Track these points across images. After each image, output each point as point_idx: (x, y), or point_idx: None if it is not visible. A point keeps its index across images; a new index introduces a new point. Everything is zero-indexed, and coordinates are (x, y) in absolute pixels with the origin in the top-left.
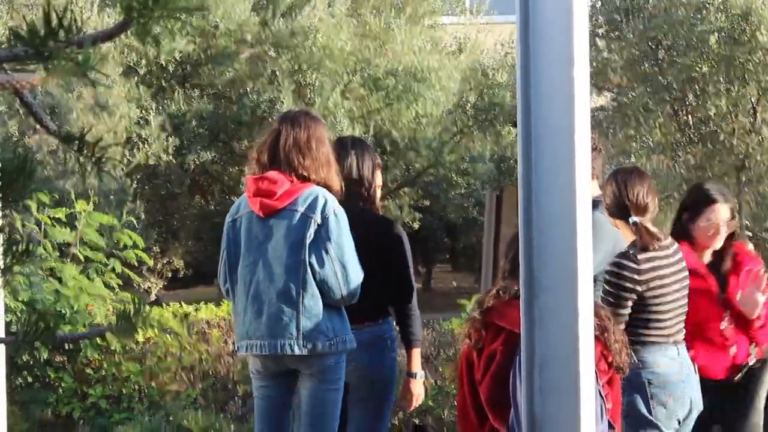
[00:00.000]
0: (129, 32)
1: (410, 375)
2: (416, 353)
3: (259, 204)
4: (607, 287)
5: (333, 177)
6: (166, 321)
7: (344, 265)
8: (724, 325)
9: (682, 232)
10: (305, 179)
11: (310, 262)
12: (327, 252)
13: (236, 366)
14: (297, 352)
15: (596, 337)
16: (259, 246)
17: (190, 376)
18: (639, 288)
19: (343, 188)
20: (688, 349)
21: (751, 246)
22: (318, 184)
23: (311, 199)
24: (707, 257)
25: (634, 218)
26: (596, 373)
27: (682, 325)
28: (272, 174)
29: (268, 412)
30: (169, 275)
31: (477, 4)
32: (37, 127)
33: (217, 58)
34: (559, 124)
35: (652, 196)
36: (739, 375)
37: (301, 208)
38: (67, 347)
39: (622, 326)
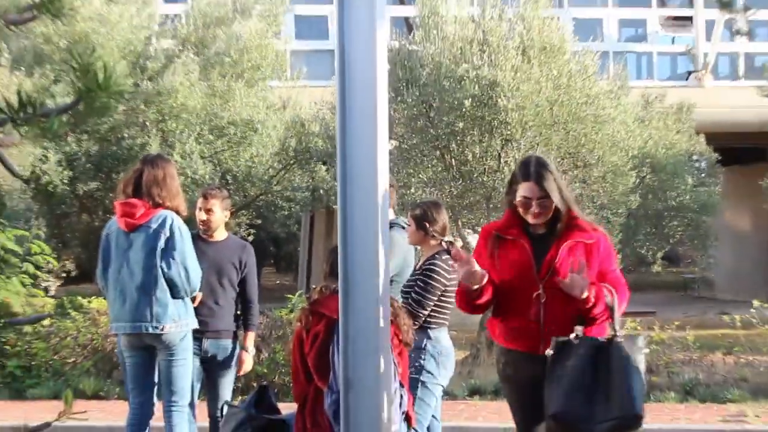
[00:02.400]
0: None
1: (244, 349)
2: (251, 335)
3: (124, 222)
4: (422, 284)
5: (181, 203)
6: (65, 311)
7: (186, 268)
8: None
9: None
10: (160, 206)
11: (161, 265)
12: (173, 258)
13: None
14: (151, 331)
15: (391, 321)
16: (123, 253)
17: (84, 351)
18: (447, 283)
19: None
20: (503, 319)
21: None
22: (170, 209)
23: (162, 219)
24: (542, 229)
25: (445, 238)
26: (390, 346)
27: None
28: (133, 200)
29: (133, 376)
30: (63, 275)
31: (296, 72)
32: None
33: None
34: (368, 165)
35: (446, 219)
36: (549, 350)
37: (154, 225)
38: None
39: (427, 312)
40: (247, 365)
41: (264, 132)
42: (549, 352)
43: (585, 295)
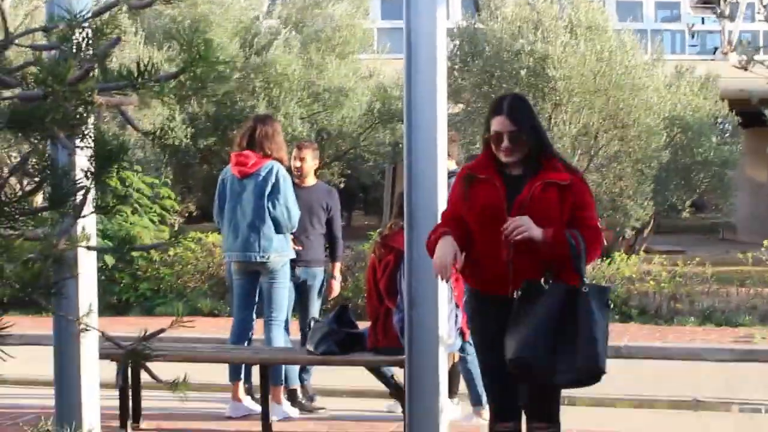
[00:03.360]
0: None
1: (332, 277)
2: (337, 265)
3: (237, 170)
4: None
5: (284, 156)
6: (188, 243)
7: (288, 208)
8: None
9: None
10: (268, 156)
11: (267, 206)
12: (278, 200)
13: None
14: (258, 260)
15: None
16: (237, 196)
17: (202, 277)
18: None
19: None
20: (474, 260)
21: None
22: (276, 160)
23: (269, 168)
24: (517, 170)
25: None
26: None
27: None
28: (246, 152)
29: (239, 296)
30: (186, 215)
31: (382, 46)
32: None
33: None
34: (428, 123)
35: None
36: (517, 291)
37: (263, 173)
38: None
39: None
40: (335, 290)
41: (353, 97)
42: (517, 293)
43: (535, 236)
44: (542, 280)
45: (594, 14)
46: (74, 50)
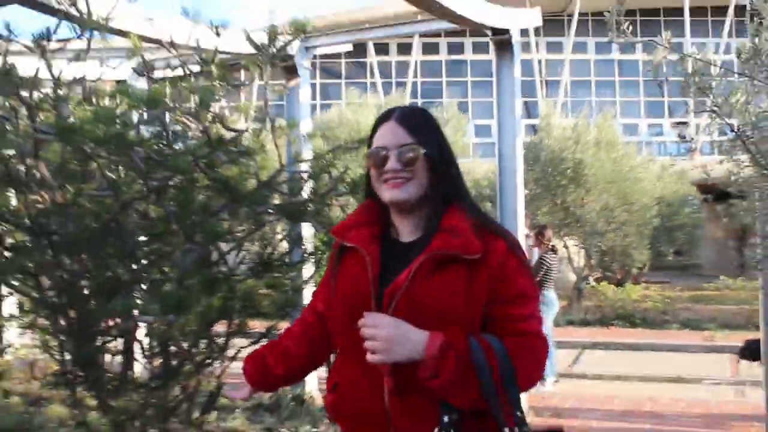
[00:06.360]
0: None
1: None
2: None
3: None
4: (539, 263)
5: None
6: None
7: None
8: None
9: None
10: None
11: None
12: None
13: None
14: None
15: None
16: None
17: None
18: (551, 263)
19: None
20: (335, 388)
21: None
22: None
23: None
24: (410, 231)
25: (550, 244)
26: None
27: None
28: None
29: None
30: None
31: (475, 154)
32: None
33: None
34: (512, 202)
35: (551, 233)
36: None
37: None
38: None
39: (538, 278)
40: None
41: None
42: None
43: (400, 356)
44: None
45: (609, 132)
46: (326, 173)
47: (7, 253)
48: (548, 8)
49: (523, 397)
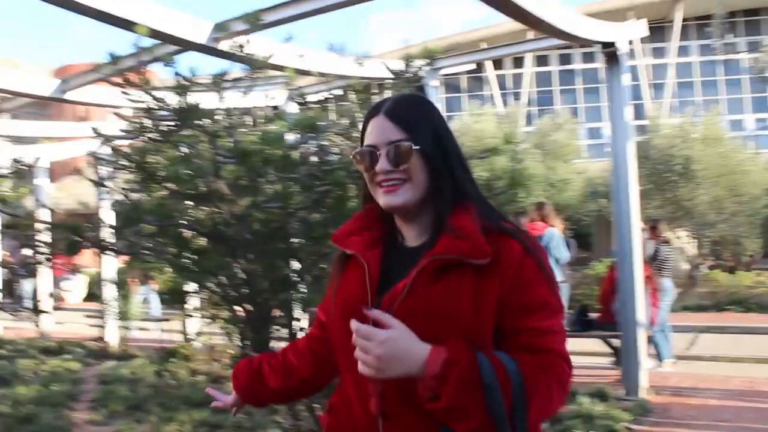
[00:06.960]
0: None
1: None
2: None
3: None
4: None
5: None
6: None
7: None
8: None
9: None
10: (547, 224)
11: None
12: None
13: None
14: None
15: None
16: None
17: None
18: (667, 253)
19: None
20: (330, 408)
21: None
22: (551, 226)
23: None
24: (415, 235)
25: (663, 235)
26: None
27: None
28: (536, 223)
29: None
30: None
31: (587, 154)
32: None
33: None
34: (626, 197)
35: (664, 226)
36: None
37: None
38: None
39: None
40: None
41: (573, 184)
42: None
43: (396, 371)
44: None
45: (716, 129)
46: None
47: (193, 256)
48: (651, 16)
49: (643, 376)
